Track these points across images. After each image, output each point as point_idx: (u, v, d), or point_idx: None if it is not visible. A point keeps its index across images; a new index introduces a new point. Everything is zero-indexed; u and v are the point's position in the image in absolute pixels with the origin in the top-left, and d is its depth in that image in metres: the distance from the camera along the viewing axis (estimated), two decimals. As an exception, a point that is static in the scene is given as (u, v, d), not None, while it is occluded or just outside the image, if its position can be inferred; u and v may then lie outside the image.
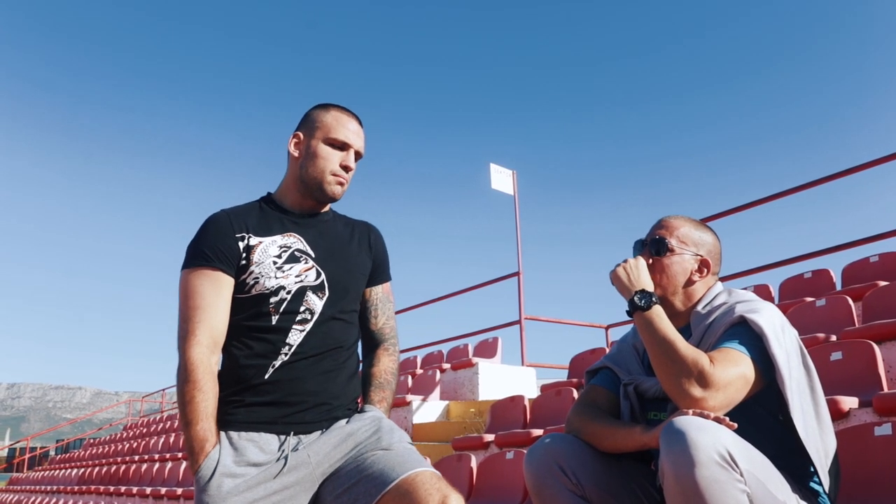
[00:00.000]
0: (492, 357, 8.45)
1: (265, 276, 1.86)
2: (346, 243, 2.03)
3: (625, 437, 1.90)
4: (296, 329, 1.88)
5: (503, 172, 8.93)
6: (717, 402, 1.73)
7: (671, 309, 2.04)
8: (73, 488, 12.07)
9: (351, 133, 1.98)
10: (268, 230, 1.94)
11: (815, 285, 5.84)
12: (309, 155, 1.96)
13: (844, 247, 5.89)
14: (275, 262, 1.88)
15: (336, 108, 2.00)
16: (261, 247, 1.89)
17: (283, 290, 1.87)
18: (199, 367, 1.77)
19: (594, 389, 2.15)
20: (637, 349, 2.16)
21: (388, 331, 2.12)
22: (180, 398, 1.77)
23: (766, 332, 1.81)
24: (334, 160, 1.95)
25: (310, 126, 1.99)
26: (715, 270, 2.11)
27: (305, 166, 1.96)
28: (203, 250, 1.86)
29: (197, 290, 1.83)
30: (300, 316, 1.88)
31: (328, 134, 1.95)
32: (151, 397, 21.20)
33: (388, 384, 2.07)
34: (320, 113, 1.99)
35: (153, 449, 11.53)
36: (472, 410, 6.70)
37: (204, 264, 1.85)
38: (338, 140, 1.95)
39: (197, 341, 1.79)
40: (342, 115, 1.99)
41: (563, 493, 1.90)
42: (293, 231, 1.96)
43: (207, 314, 1.81)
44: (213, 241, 1.87)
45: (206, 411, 1.76)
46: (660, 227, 2.12)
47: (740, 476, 1.57)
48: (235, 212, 1.96)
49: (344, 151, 1.97)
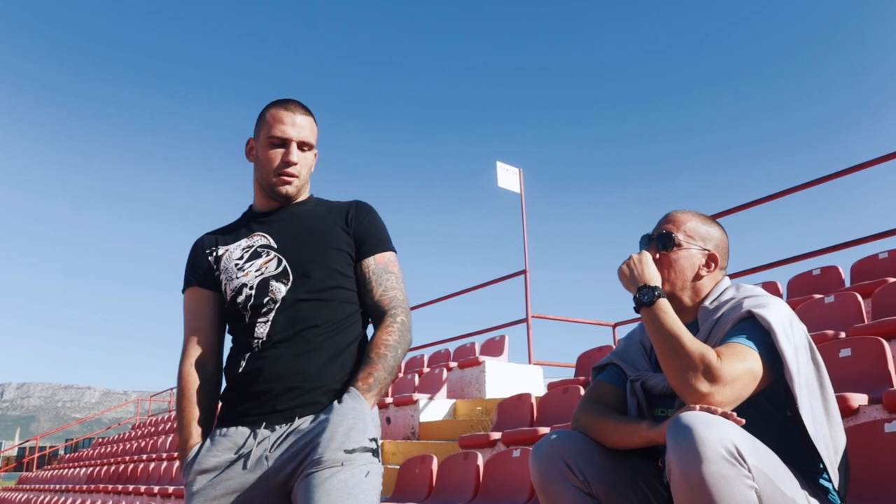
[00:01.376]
0: (499, 355, 8.44)
1: (230, 280, 1.96)
2: (315, 224, 2.01)
3: (631, 434, 1.88)
4: (261, 321, 1.91)
5: (510, 170, 8.92)
6: (724, 398, 1.71)
7: (679, 304, 2.03)
8: (82, 487, 12.12)
9: (287, 126, 1.96)
10: (235, 237, 2.03)
11: (823, 282, 5.81)
12: (257, 159, 2.00)
13: (853, 243, 5.85)
14: (236, 265, 1.97)
15: (275, 104, 2.00)
16: (226, 255, 2.00)
17: (246, 286, 1.94)
18: (187, 382, 1.94)
19: (601, 386, 2.14)
20: (644, 345, 2.14)
21: (386, 301, 1.99)
22: (175, 407, 1.98)
23: (774, 327, 1.79)
24: (276, 159, 1.96)
25: (257, 130, 2.02)
26: (722, 265, 2.09)
27: (257, 170, 2.02)
28: (186, 274, 2.05)
29: (185, 311, 2.02)
30: (265, 308, 1.92)
31: (268, 133, 1.96)
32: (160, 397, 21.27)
33: (378, 358, 1.90)
34: (263, 113, 2.01)
35: (161, 448, 11.56)
36: (479, 409, 6.69)
37: (186, 286, 2.04)
38: (276, 137, 1.95)
39: (185, 357, 1.96)
40: (279, 110, 1.98)
41: (569, 489, 1.89)
42: (259, 230, 2.02)
43: (195, 331, 1.98)
44: (191, 263, 2.05)
45: (190, 416, 1.91)
46: (667, 221, 2.10)
47: (748, 472, 1.56)
48: (212, 231, 2.09)
49: (284, 147, 1.96)
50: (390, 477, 5.54)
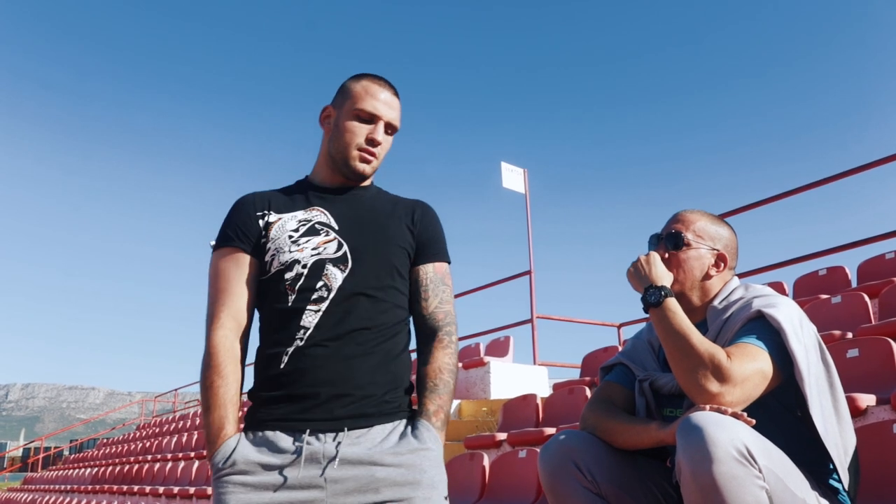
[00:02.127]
0: (504, 356, 8.43)
1: (280, 251, 1.75)
2: (380, 215, 1.87)
3: (640, 434, 1.88)
4: (310, 310, 1.72)
5: (514, 171, 8.91)
6: (734, 398, 1.70)
7: (688, 304, 2.02)
8: (87, 488, 12.14)
9: (380, 103, 1.83)
10: (290, 207, 1.83)
11: (830, 282, 5.80)
12: (336, 129, 1.84)
13: (860, 243, 5.84)
14: (290, 237, 1.77)
15: (368, 77, 1.87)
16: (279, 223, 1.79)
17: (298, 263, 1.74)
18: (220, 351, 1.68)
19: (609, 386, 2.13)
20: (652, 345, 2.14)
21: (441, 316, 1.86)
22: (201, 383, 1.68)
23: (784, 327, 1.79)
24: (360, 134, 1.82)
25: (340, 98, 1.87)
26: (731, 265, 2.08)
27: (332, 141, 1.85)
28: (226, 231, 1.80)
29: (221, 273, 1.77)
30: (315, 294, 1.73)
31: (355, 105, 1.82)
32: (164, 397, 21.30)
33: (445, 386, 1.80)
34: (351, 83, 1.86)
35: (166, 448, 11.58)
36: (485, 409, 6.68)
37: (226, 245, 1.79)
38: (364, 111, 1.82)
39: (220, 324, 1.71)
40: (372, 84, 1.85)
41: (578, 490, 1.88)
42: (318, 206, 1.84)
43: (231, 297, 1.74)
44: (235, 220, 1.81)
45: (226, 397, 1.66)
46: (676, 221, 2.09)
47: (759, 472, 1.55)
48: (263, 192, 1.87)
49: (372, 124, 1.83)
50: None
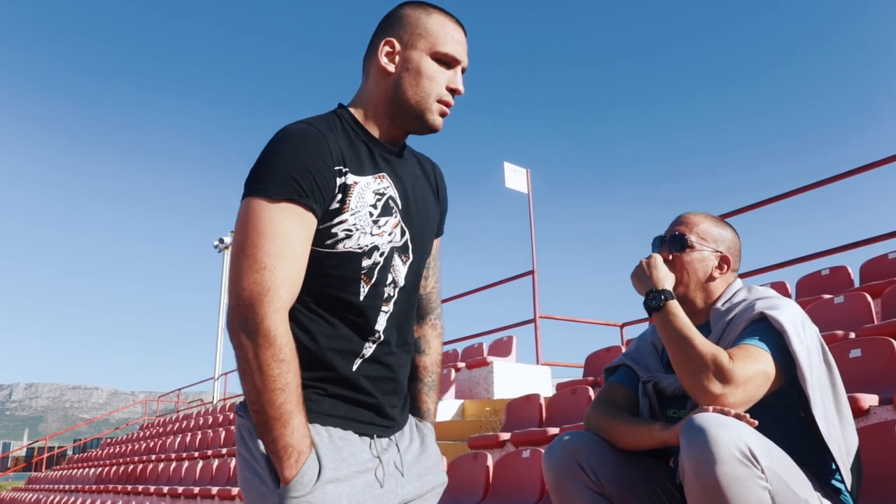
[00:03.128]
0: (507, 356, 8.45)
1: (361, 230, 1.43)
2: (425, 190, 1.63)
3: (644, 435, 1.89)
4: (383, 311, 1.49)
5: (517, 171, 8.93)
6: (737, 399, 1.72)
7: (691, 306, 2.03)
8: (91, 487, 12.17)
9: (460, 46, 1.54)
10: (362, 167, 1.47)
11: (832, 282, 5.80)
12: (409, 71, 1.51)
13: (862, 243, 5.84)
14: (370, 213, 1.45)
15: (437, 9, 1.56)
16: (357, 189, 1.44)
17: (377, 251, 1.46)
18: (284, 336, 1.33)
19: (613, 387, 2.15)
20: (655, 346, 2.15)
21: (434, 297, 1.71)
22: (260, 376, 1.31)
23: (786, 329, 1.80)
24: (441, 81, 1.52)
25: (407, 33, 1.52)
26: (735, 267, 2.09)
27: (403, 85, 1.51)
28: (294, 178, 1.35)
29: (283, 233, 1.34)
30: (385, 292, 1.49)
31: (437, 47, 1.51)
32: (167, 397, 21.36)
33: (439, 380, 1.70)
34: (422, 16, 1.53)
35: (169, 448, 11.60)
36: (488, 409, 6.70)
37: (295, 198, 1.35)
38: (446, 55, 1.52)
39: (281, 303, 1.33)
40: (448, 20, 1.55)
41: (582, 490, 1.90)
42: (385, 171, 1.52)
43: (294, 269, 1.36)
44: (309, 167, 1.37)
45: (298, 394, 1.35)
46: (679, 223, 2.10)
47: (762, 473, 1.56)
48: (327, 132, 1.44)
49: (451, 69, 1.54)
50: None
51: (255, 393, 1.31)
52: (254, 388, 1.31)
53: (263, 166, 1.38)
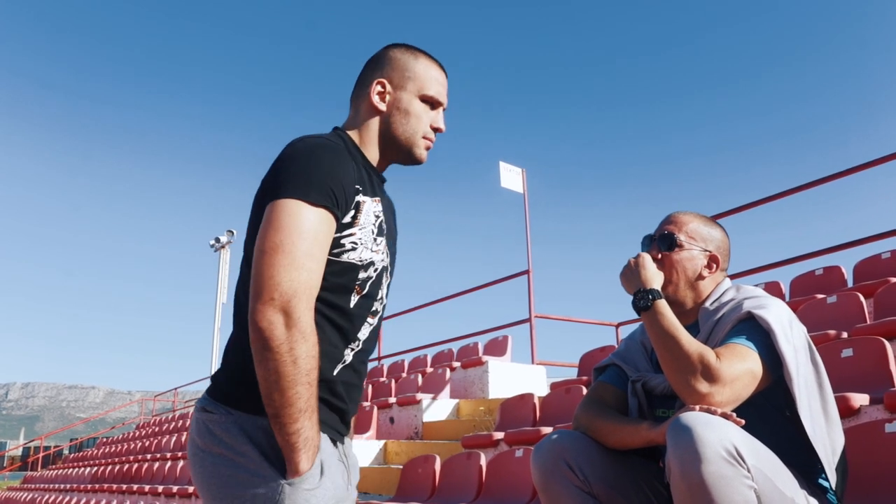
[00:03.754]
0: (502, 355, 8.45)
1: (364, 244, 1.53)
2: (396, 221, 1.75)
3: (632, 434, 1.90)
4: (368, 322, 1.57)
5: (513, 171, 8.93)
6: (723, 398, 1.72)
7: (680, 305, 2.04)
8: (87, 487, 12.15)
9: (443, 90, 1.70)
10: (369, 189, 1.58)
11: (826, 282, 5.82)
12: (399, 110, 1.65)
13: (856, 243, 5.85)
14: (372, 230, 1.55)
15: (424, 55, 1.70)
16: (365, 207, 1.54)
17: (373, 266, 1.55)
18: (315, 334, 1.40)
19: (602, 386, 2.15)
20: (645, 346, 2.16)
21: None
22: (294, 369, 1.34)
23: (773, 328, 1.81)
24: (427, 120, 1.67)
25: (398, 75, 1.66)
26: (724, 266, 2.10)
27: (393, 123, 1.65)
28: (331, 188, 1.44)
29: (317, 237, 1.41)
30: (374, 305, 1.58)
31: (423, 90, 1.66)
32: (164, 396, 21.33)
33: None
34: (410, 61, 1.68)
35: (165, 448, 11.59)
36: (482, 409, 6.70)
37: (329, 206, 1.44)
38: (432, 98, 1.67)
39: (312, 302, 1.40)
40: (433, 65, 1.70)
41: (569, 489, 1.90)
42: (379, 196, 1.63)
43: (320, 271, 1.43)
44: (342, 181, 1.47)
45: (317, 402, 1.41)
46: (669, 222, 2.11)
47: (747, 472, 1.57)
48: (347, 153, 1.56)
49: (435, 110, 1.69)
50: (393, 477, 5.55)
51: (283, 384, 1.34)
52: (284, 381, 1.34)
53: (302, 172, 1.43)
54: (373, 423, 7.24)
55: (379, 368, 10.71)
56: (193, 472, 1.50)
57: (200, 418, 1.49)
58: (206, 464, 1.45)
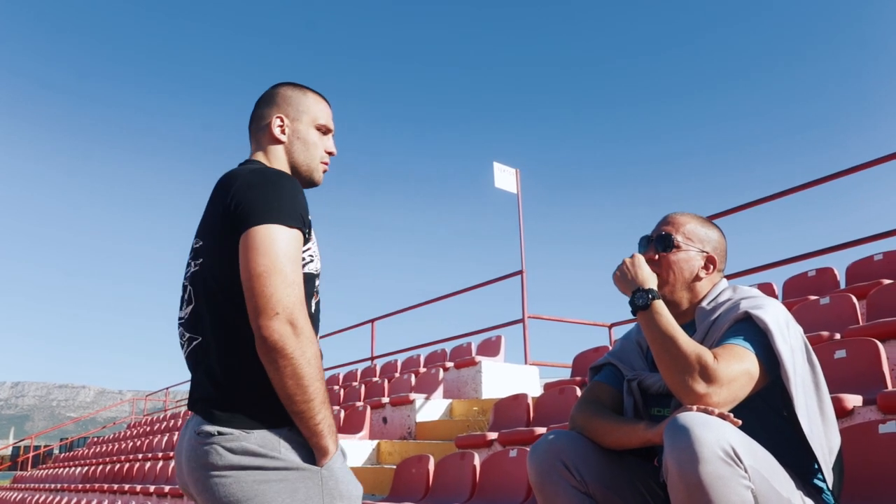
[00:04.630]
0: (495, 355, 8.45)
1: (316, 257, 1.72)
2: None
3: (628, 434, 1.90)
4: (320, 321, 1.76)
5: (507, 171, 8.93)
6: (721, 398, 1.73)
7: (676, 305, 2.04)
8: (77, 486, 12.11)
9: (330, 117, 1.92)
10: None
11: (819, 284, 5.83)
12: (300, 141, 1.86)
13: (848, 245, 5.87)
14: (315, 241, 1.75)
15: (310, 90, 1.92)
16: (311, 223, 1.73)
17: (320, 275, 1.76)
18: (316, 339, 1.60)
19: (598, 386, 2.15)
20: (640, 345, 2.16)
21: None
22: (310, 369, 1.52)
23: (770, 328, 1.81)
24: (321, 146, 1.88)
25: (293, 110, 1.87)
26: (720, 267, 2.10)
27: (294, 152, 1.86)
28: (300, 213, 1.63)
29: (297, 256, 1.60)
30: (320, 306, 1.78)
31: (316, 120, 1.87)
32: (155, 396, 21.25)
33: None
34: (300, 96, 1.89)
35: (157, 447, 11.55)
36: (476, 409, 6.70)
37: (299, 226, 1.62)
38: (324, 126, 1.89)
39: (306, 312, 1.57)
40: (320, 99, 1.91)
41: (566, 489, 1.90)
42: None
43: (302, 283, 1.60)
44: (304, 205, 1.66)
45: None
46: (666, 223, 2.11)
47: (744, 472, 1.57)
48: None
49: (326, 136, 1.91)
50: (387, 477, 5.55)
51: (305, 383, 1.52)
52: (304, 380, 1.52)
53: (277, 199, 1.61)
54: (366, 423, 7.23)
55: (372, 368, 10.70)
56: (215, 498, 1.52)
57: (211, 442, 1.54)
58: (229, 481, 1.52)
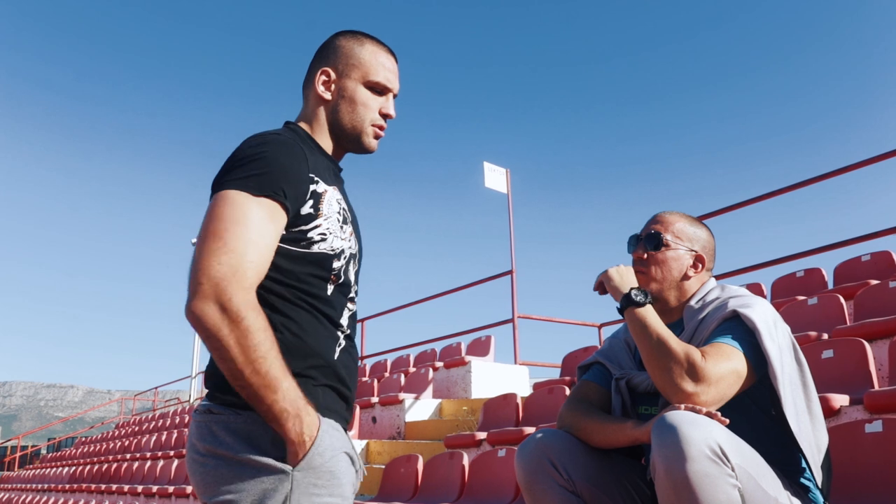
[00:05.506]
0: (485, 355, 8.45)
1: (333, 234, 1.52)
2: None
3: (616, 432, 1.90)
4: (347, 307, 1.58)
5: (497, 171, 8.93)
6: (709, 398, 1.73)
7: (664, 304, 2.04)
8: (65, 486, 12.03)
9: (392, 76, 1.67)
10: (328, 177, 1.57)
11: (807, 284, 5.86)
12: (345, 99, 1.64)
13: (836, 246, 5.90)
14: (338, 219, 1.55)
15: (370, 39, 1.68)
16: (327, 196, 1.53)
17: (344, 255, 1.54)
18: (255, 310, 1.34)
19: (586, 385, 2.15)
20: (629, 344, 2.16)
21: None
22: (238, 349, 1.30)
23: (758, 327, 1.81)
24: (374, 107, 1.65)
25: (343, 63, 1.65)
26: (709, 266, 2.11)
27: (340, 112, 1.64)
28: (274, 178, 1.42)
29: (257, 223, 1.39)
30: (350, 292, 1.59)
31: (369, 76, 1.64)
32: (144, 395, 21.16)
33: None
34: (354, 46, 1.66)
35: (145, 447, 11.50)
36: (465, 408, 6.70)
37: (273, 196, 1.41)
38: (379, 84, 1.65)
39: (249, 283, 1.35)
40: (380, 50, 1.67)
41: (553, 488, 1.90)
42: (338, 184, 1.63)
43: (262, 256, 1.39)
44: (288, 171, 1.45)
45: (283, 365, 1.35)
46: (655, 222, 2.11)
47: (731, 471, 1.57)
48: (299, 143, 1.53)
49: (384, 96, 1.67)
50: (376, 477, 5.53)
51: (237, 368, 1.31)
52: (235, 364, 1.31)
53: (244, 165, 1.43)
54: (355, 422, 7.22)
55: (361, 368, 10.68)
56: (194, 480, 1.44)
57: (202, 420, 1.44)
58: (208, 468, 1.40)
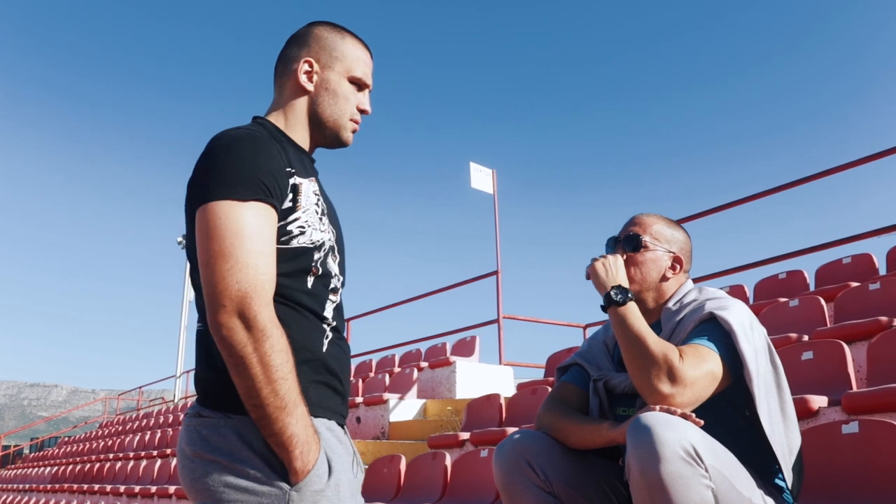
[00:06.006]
0: (469, 356, 8.46)
1: (312, 226, 1.49)
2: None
3: (593, 434, 1.90)
4: (330, 300, 1.54)
5: (483, 171, 8.94)
6: (685, 399, 1.74)
7: (643, 305, 2.05)
8: (47, 487, 11.95)
9: (369, 71, 1.67)
10: (304, 170, 1.54)
11: (789, 286, 5.90)
12: (328, 91, 1.62)
13: (818, 248, 5.95)
14: (316, 211, 1.52)
15: (350, 35, 1.67)
16: (304, 188, 1.50)
17: (324, 246, 1.52)
18: (278, 328, 1.34)
19: (564, 386, 2.16)
20: (607, 345, 2.17)
21: None
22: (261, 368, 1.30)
23: (734, 329, 1.83)
24: (353, 102, 1.64)
25: (326, 53, 1.62)
26: (687, 268, 2.12)
27: (321, 104, 1.62)
28: (260, 179, 1.39)
29: (258, 231, 1.36)
30: (332, 283, 1.54)
31: (350, 71, 1.63)
32: (128, 395, 21.04)
33: None
34: (336, 38, 1.64)
35: (128, 447, 11.44)
36: (450, 409, 6.70)
37: (262, 197, 1.38)
38: (359, 80, 1.64)
39: (268, 298, 1.35)
40: (359, 46, 1.66)
41: (531, 489, 1.91)
42: (314, 176, 1.59)
43: (271, 265, 1.38)
44: (269, 168, 1.41)
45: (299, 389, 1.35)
46: (633, 223, 2.13)
47: (705, 472, 1.58)
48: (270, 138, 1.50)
49: (361, 92, 1.66)
50: (359, 477, 5.52)
51: (256, 386, 1.30)
52: (255, 382, 1.30)
53: (223, 169, 1.38)
54: (340, 422, 7.20)
55: (347, 368, 10.64)
56: (185, 484, 1.41)
57: (192, 424, 1.42)
58: (198, 473, 1.37)
